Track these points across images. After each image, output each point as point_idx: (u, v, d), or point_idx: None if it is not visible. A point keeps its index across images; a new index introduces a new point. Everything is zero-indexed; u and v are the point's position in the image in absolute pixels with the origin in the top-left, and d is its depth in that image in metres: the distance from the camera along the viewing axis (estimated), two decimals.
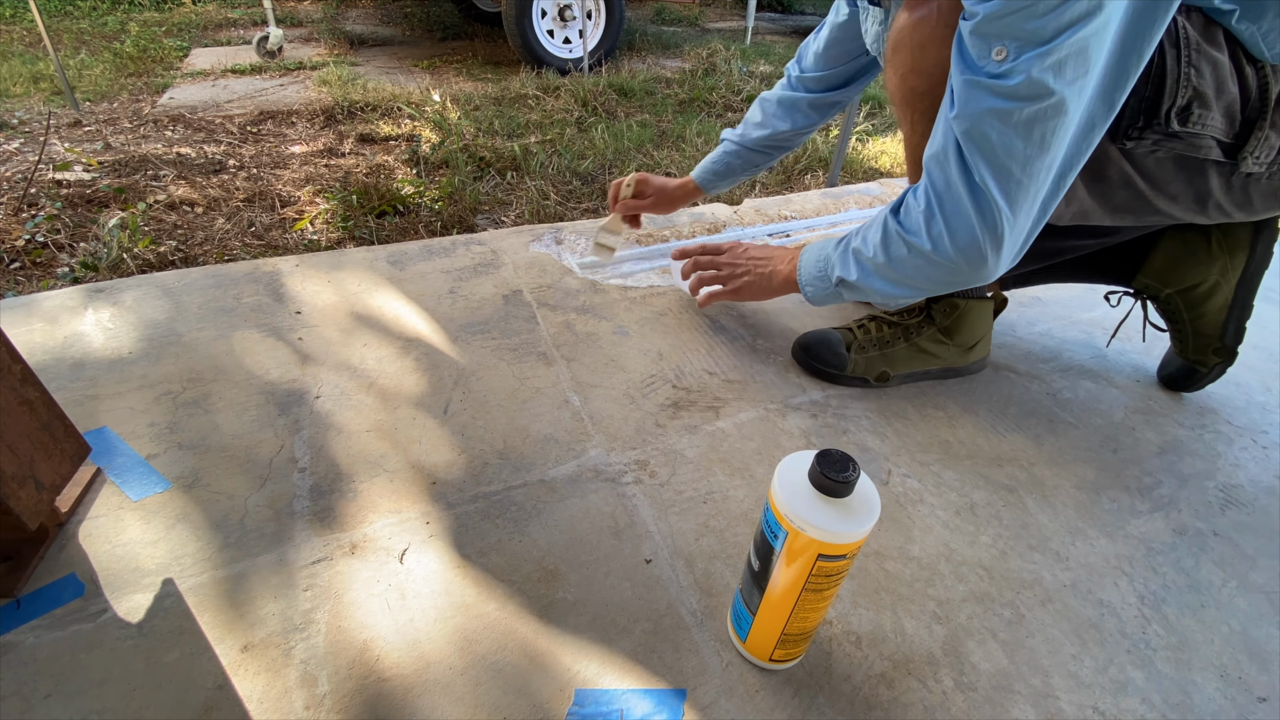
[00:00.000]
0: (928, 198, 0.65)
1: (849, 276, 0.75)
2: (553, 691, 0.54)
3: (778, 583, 0.50)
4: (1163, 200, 0.70)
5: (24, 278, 1.29)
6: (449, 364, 0.90)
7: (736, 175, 1.13)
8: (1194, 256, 0.85)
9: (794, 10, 5.98)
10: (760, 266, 0.91)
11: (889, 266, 0.70)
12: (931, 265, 0.67)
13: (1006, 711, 0.55)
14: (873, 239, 0.72)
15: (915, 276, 0.69)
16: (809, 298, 0.83)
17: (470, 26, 3.94)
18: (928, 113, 0.70)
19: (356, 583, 0.61)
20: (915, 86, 0.70)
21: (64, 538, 0.64)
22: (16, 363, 0.58)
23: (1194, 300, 0.86)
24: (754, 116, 1.09)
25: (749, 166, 1.12)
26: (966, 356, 0.92)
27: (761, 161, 1.12)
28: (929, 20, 0.66)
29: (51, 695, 0.51)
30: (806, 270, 0.83)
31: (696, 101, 2.68)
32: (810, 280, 0.82)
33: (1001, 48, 0.55)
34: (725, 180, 1.13)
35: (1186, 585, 0.67)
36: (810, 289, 0.82)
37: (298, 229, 1.52)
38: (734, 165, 1.11)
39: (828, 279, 0.79)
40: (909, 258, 0.68)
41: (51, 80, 2.55)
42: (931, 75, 0.68)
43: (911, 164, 0.80)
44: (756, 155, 1.10)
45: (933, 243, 0.65)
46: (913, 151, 0.78)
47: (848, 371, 0.91)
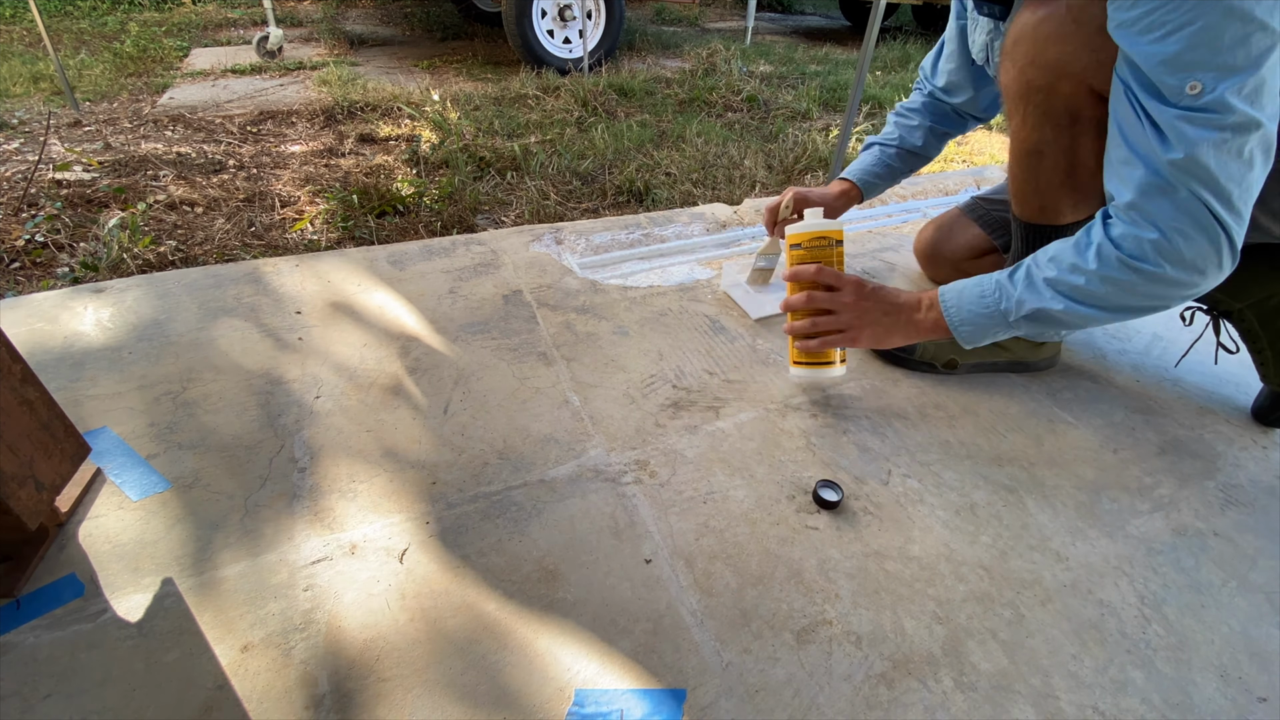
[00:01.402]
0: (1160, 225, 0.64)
1: (1047, 306, 0.72)
2: (553, 691, 0.54)
3: None
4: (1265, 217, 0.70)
5: (24, 278, 1.29)
6: (449, 364, 0.90)
7: (896, 176, 1.12)
8: (1260, 268, 0.81)
9: (794, 10, 5.98)
10: (892, 314, 0.82)
11: (1106, 294, 0.69)
12: (1170, 287, 0.66)
13: (1006, 711, 0.55)
14: (1082, 268, 0.69)
15: (1142, 300, 0.69)
16: (964, 338, 0.78)
17: (470, 26, 3.94)
18: (1042, 107, 0.72)
19: (356, 583, 0.61)
20: (1033, 80, 0.71)
21: (64, 538, 0.64)
22: (16, 363, 0.58)
23: (1269, 314, 0.82)
24: (906, 121, 1.10)
25: (906, 169, 1.12)
26: (1037, 352, 0.93)
27: (917, 164, 1.12)
28: (1055, 16, 0.67)
29: (51, 695, 0.51)
30: (961, 310, 0.78)
31: (696, 101, 2.68)
32: (969, 320, 0.77)
33: (1195, 82, 0.58)
34: (886, 182, 1.12)
35: (1186, 585, 0.67)
36: (968, 329, 0.77)
37: (297, 229, 1.52)
38: (894, 168, 1.11)
39: (1000, 314, 0.75)
40: (1139, 283, 0.67)
41: (51, 80, 2.55)
42: (1051, 70, 0.69)
43: (1017, 159, 0.79)
44: (913, 159, 1.11)
45: (1172, 267, 0.65)
46: (1020, 145, 0.78)
47: (916, 356, 0.93)
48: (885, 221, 1.45)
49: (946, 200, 1.58)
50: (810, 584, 0.64)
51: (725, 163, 2.01)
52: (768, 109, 2.68)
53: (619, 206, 1.76)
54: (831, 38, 4.62)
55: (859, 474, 0.77)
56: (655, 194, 1.77)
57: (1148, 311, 0.71)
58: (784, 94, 2.84)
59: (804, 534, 0.69)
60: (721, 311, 1.06)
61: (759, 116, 2.60)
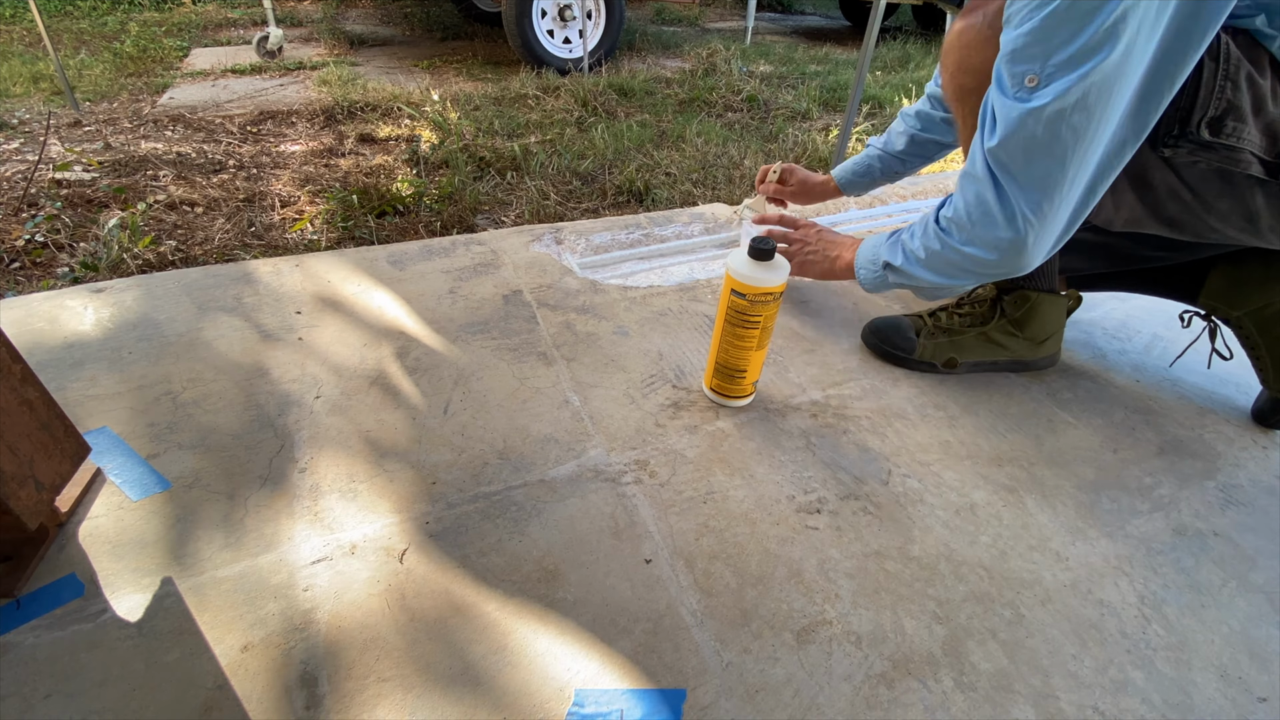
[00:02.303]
0: (958, 205, 0.73)
1: (895, 262, 0.83)
2: (553, 691, 0.54)
3: (716, 320, 0.80)
4: (1214, 218, 0.72)
5: (24, 278, 1.29)
6: (449, 364, 0.90)
7: (876, 179, 1.20)
8: (1252, 277, 0.83)
9: (794, 10, 5.98)
10: (828, 249, 0.98)
11: (929, 260, 0.79)
12: (968, 261, 0.74)
13: (1006, 711, 0.55)
14: (918, 234, 0.80)
15: (951, 269, 0.77)
16: (861, 280, 0.90)
17: (470, 26, 3.94)
18: (973, 108, 0.75)
19: (356, 583, 0.61)
20: (964, 84, 0.76)
21: (64, 538, 0.64)
22: (16, 363, 0.58)
23: (1266, 322, 0.84)
24: (898, 126, 1.15)
25: (889, 172, 1.18)
26: (1036, 350, 0.94)
27: (901, 169, 1.18)
28: (974, 26, 0.72)
29: (51, 695, 0.51)
30: (863, 257, 0.90)
31: (696, 101, 2.68)
32: (863, 265, 0.89)
33: (1033, 75, 0.61)
34: (865, 182, 1.20)
35: (1186, 585, 0.67)
36: (863, 272, 0.89)
37: (297, 229, 1.52)
38: (874, 169, 1.18)
39: (877, 264, 0.86)
40: (943, 253, 0.76)
41: (51, 80, 2.55)
42: (979, 73, 0.73)
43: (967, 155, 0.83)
44: (896, 162, 1.16)
45: (967, 244, 0.73)
46: (966, 145, 0.82)
47: (915, 355, 0.95)
48: (885, 221, 1.45)
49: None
50: (810, 584, 0.64)
51: (725, 163, 2.01)
52: (768, 109, 2.68)
53: (619, 206, 1.76)
54: (831, 38, 4.62)
55: (859, 474, 0.77)
56: (655, 194, 1.77)
57: (965, 280, 0.79)
58: (784, 94, 2.84)
59: (804, 534, 0.69)
60: None
61: (759, 116, 2.60)
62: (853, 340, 1.01)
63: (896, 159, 1.16)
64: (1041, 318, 0.91)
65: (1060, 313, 0.93)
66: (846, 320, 1.07)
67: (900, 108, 2.66)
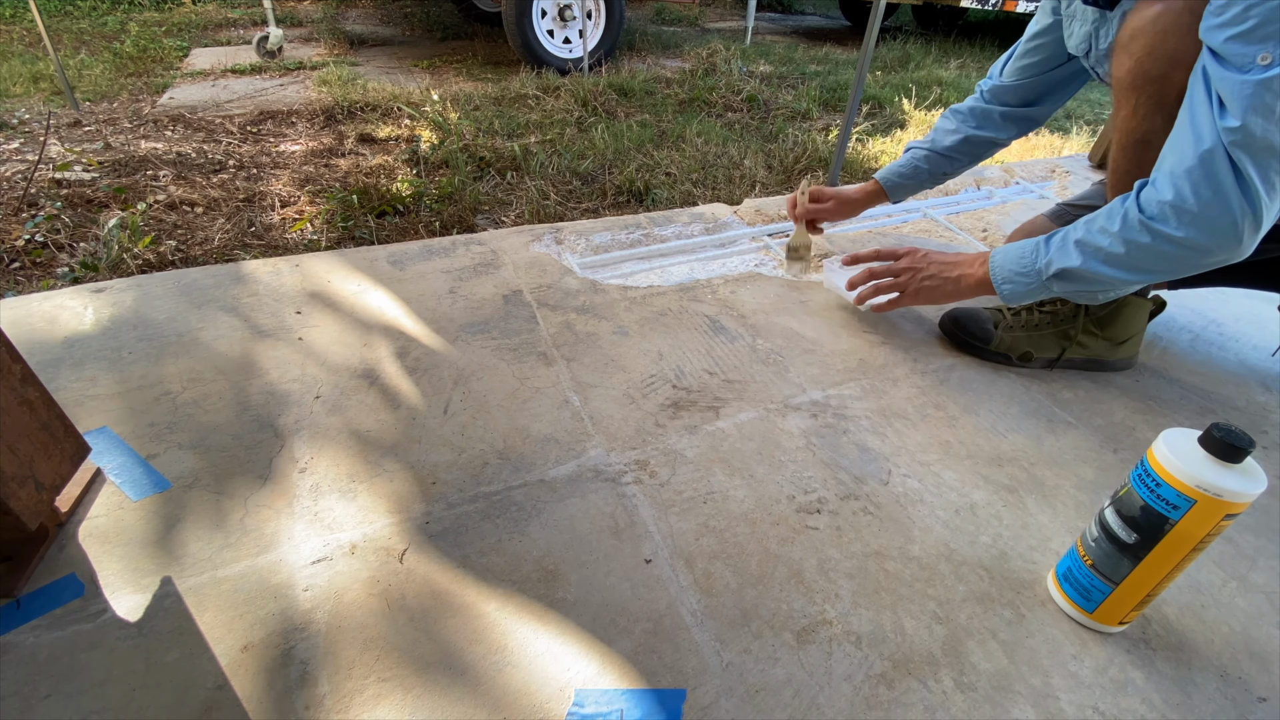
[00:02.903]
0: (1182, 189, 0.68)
1: (1071, 265, 0.78)
2: (553, 691, 0.54)
3: (1166, 550, 0.55)
4: None
5: (24, 278, 1.29)
6: (449, 364, 0.90)
7: (923, 182, 1.16)
8: None
9: (794, 10, 5.98)
10: (946, 270, 0.93)
11: (1126, 255, 0.74)
12: (1181, 250, 0.70)
13: (1006, 711, 0.55)
14: (1108, 229, 0.75)
15: (1156, 262, 0.73)
16: (1007, 296, 0.85)
17: (470, 26, 3.94)
18: (1155, 96, 0.74)
19: (356, 583, 0.61)
20: (1149, 70, 0.74)
21: (64, 538, 0.64)
22: (16, 363, 0.58)
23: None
24: (946, 124, 1.13)
25: (936, 174, 1.15)
26: (1115, 351, 0.95)
27: (949, 169, 1.15)
28: (1173, 10, 0.71)
29: (51, 695, 0.51)
30: (1005, 269, 0.85)
31: (696, 101, 2.68)
32: (1010, 278, 0.84)
33: (1266, 54, 0.60)
34: (911, 184, 1.16)
35: (1186, 585, 0.67)
36: (1009, 286, 0.84)
37: (297, 229, 1.52)
38: (921, 170, 1.14)
39: (1035, 273, 0.81)
40: (1152, 245, 0.71)
41: (51, 80, 2.55)
42: (1169, 60, 0.71)
43: (1124, 149, 0.82)
44: (944, 161, 1.13)
45: (1186, 230, 0.69)
46: (1127, 136, 0.80)
47: (992, 346, 0.96)
48: (885, 222, 1.45)
49: (947, 200, 1.59)
50: (810, 584, 0.64)
51: (725, 163, 2.01)
52: (768, 109, 2.68)
53: (619, 206, 1.76)
54: (831, 38, 4.62)
55: (859, 474, 0.77)
56: (655, 194, 1.77)
57: (1166, 275, 0.74)
58: (784, 94, 2.84)
59: (804, 534, 0.69)
60: (721, 311, 1.06)
61: (759, 116, 2.60)
62: (853, 340, 1.01)
63: (944, 159, 1.13)
64: (1125, 319, 0.92)
65: (1143, 315, 0.94)
66: (846, 320, 1.07)
67: (900, 107, 2.67)
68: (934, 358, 0.99)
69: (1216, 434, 0.51)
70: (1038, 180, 1.75)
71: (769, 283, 1.16)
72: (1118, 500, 0.58)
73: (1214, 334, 1.11)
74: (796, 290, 1.14)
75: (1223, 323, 1.14)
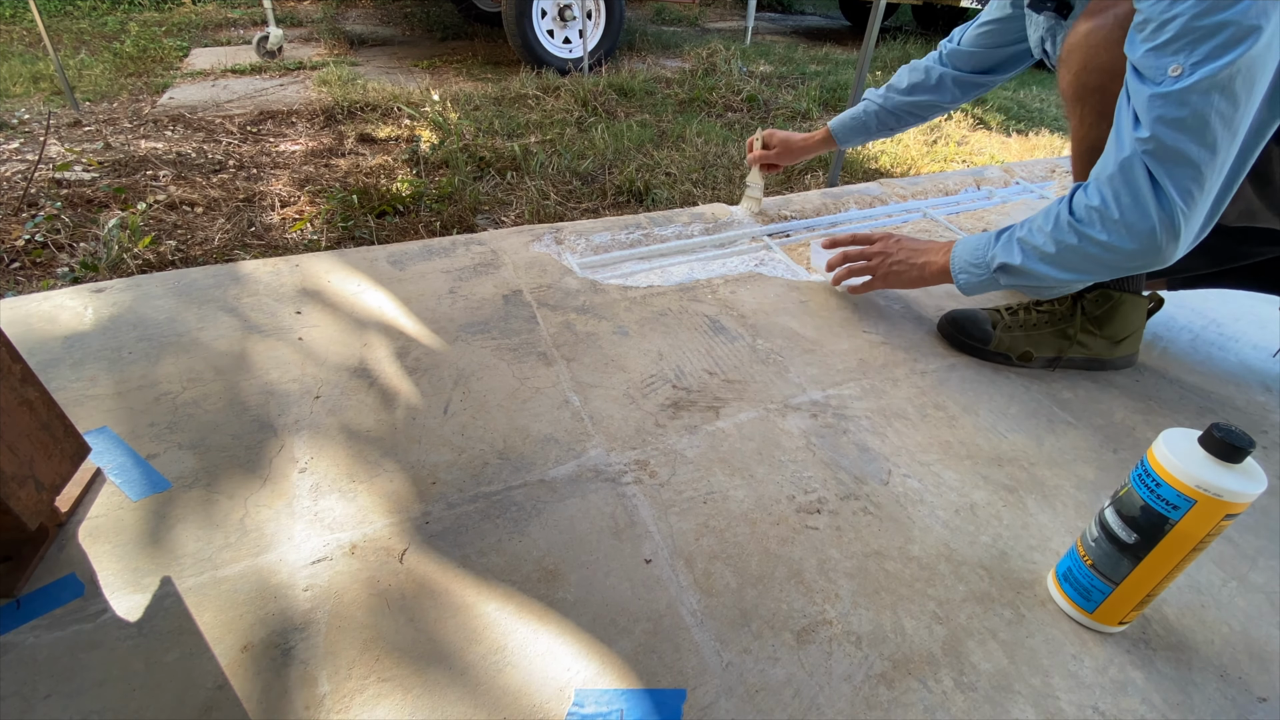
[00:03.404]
0: (1105, 195, 0.72)
1: (1012, 262, 0.82)
2: (553, 691, 0.54)
3: (1166, 550, 0.55)
4: None
5: (24, 278, 1.29)
6: (449, 364, 0.90)
7: (871, 133, 1.24)
8: None
9: (794, 10, 5.98)
10: (914, 256, 0.97)
11: (1058, 255, 0.77)
12: (1106, 253, 0.74)
13: (1006, 711, 0.55)
14: (1042, 229, 0.79)
15: (1085, 264, 0.77)
16: (961, 285, 0.89)
17: (470, 26, 3.94)
18: (1098, 107, 0.78)
19: (356, 583, 0.61)
20: (1087, 83, 0.78)
21: (64, 538, 0.63)
22: (16, 363, 0.58)
23: None
24: (899, 81, 1.17)
25: (883, 127, 1.22)
26: (1113, 350, 0.95)
27: (896, 125, 1.21)
28: (1104, 26, 0.74)
29: (51, 695, 0.51)
30: (961, 259, 0.89)
31: (696, 101, 2.68)
32: (964, 268, 0.88)
33: (1176, 65, 0.63)
34: (859, 135, 1.24)
35: (1186, 585, 0.67)
36: (964, 276, 0.88)
37: (297, 229, 1.52)
38: (869, 124, 1.21)
39: (985, 266, 0.85)
40: (1079, 247, 0.75)
41: (51, 80, 2.55)
42: (1103, 72, 0.75)
43: (1077, 157, 0.86)
44: (892, 118, 1.19)
45: (1109, 235, 0.72)
46: (1079, 145, 0.84)
47: (991, 347, 0.97)
48: (885, 221, 1.45)
49: (947, 200, 1.59)
50: (810, 584, 0.64)
51: (725, 163, 2.01)
52: (768, 109, 2.68)
53: (619, 206, 1.76)
54: (831, 38, 4.62)
55: (859, 474, 0.77)
56: (655, 194, 1.77)
57: (1092, 275, 0.78)
58: (784, 94, 2.84)
59: (804, 534, 0.69)
60: (721, 311, 1.06)
61: (759, 116, 2.60)
62: (853, 340, 1.01)
63: (892, 115, 1.20)
64: (1122, 318, 0.93)
65: (1141, 314, 0.94)
66: (846, 320, 1.07)
67: None
68: (934, 358, 0.99)
69: (1217, 434, 0.51)
70: (1038, 180, 1.75)
71: (769, 283, 1.16)
72: (1118, 500, 0.58)
73: (1214, 334, 1.11)
74: (796, 290, 1.14)
75: (1223, 323, 1.14)
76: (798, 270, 1.21)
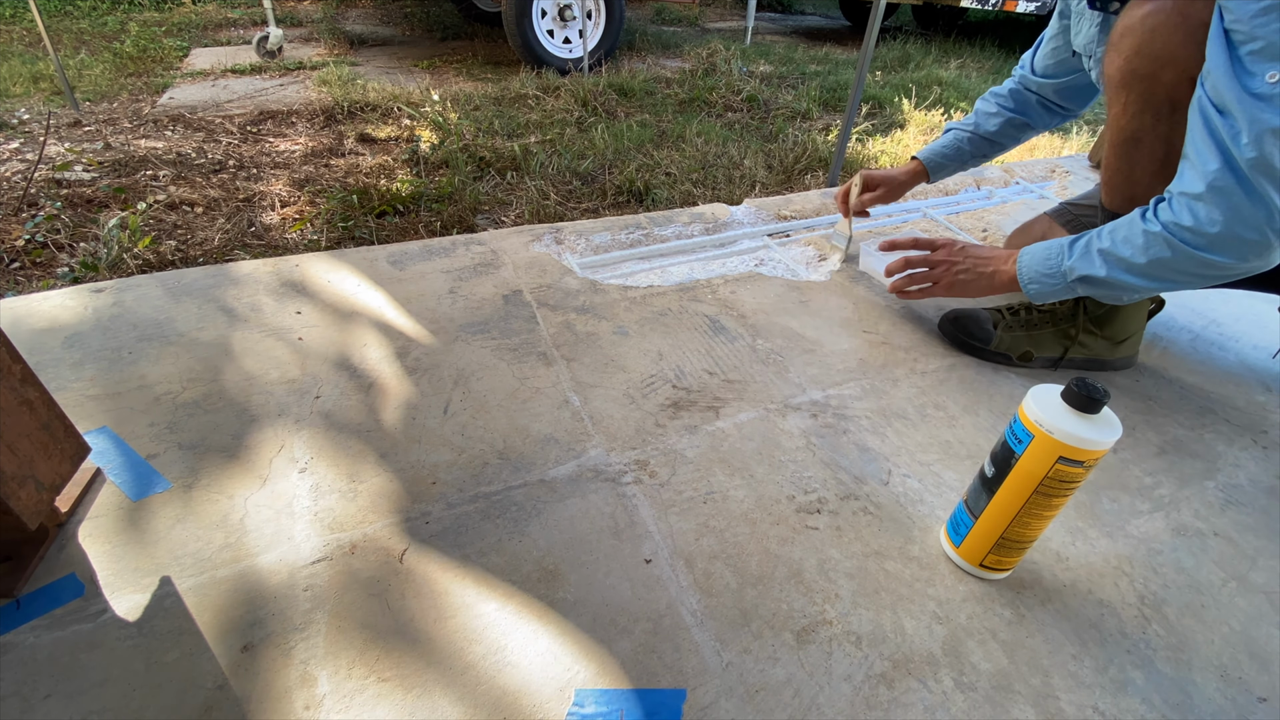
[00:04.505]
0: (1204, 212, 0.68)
1: (1095, 274, 0.79)
2: (553, 691, 0.54)
3: (1012, 486, 0.59)
4: None
5: (24, 278, 1.29)
6: (449, 364, 0.90)
7: (965, 162, 1.19)
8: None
9: (794, 10, 5.98)
10: (981, 266, 0.93)
11: (1150, 267, 0.74)
12: (1203, 267, 0.71)
13: (1006, 711, 0.55)
14: (1129, 241, 0.75)
15: (1177, 276, 0.74)
16: (1033, 295, 0.86)
17: (470, 26, 3.94)
18: (1144, 94, 0.75)
19: (356, 583, 0.61)
20: (1137, 69, 0.75)
21: (64, 538, 0.64)
22: (16, 363, 0.58)
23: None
24: (986, 107, 1.15)
25: (978, 154, 1.18)
26: (1114, 350, 0.95)
27: (989, 151, 1.18)
28: (1163, 10, 0.72)
29: (51, 695, 0.51)
30: (1030, 269, 0.86)
31: (696, 101, 2.68)
32: (1036, 278, 0.85)
33: (1274, 72, 0.61)
34: (953, 164, 1.20)
35: (1186, 585, 0.67)
36: (1036, 286, 0.85)
37: (297, 229, 1.52)
38: (964, 151, 1.18)
39: (1061, 276, 0.82)
40: (1173, 260, 0.72)
41: (51, 80, 2.55)
42: (1156, 59, 0.73)
43: (1114, 147, 0.83)
44: (985, 144, 1.17)
45: (1206, 248, 0.69)
46: (1118, 134, 0.81)
47: (991, 346, 0.96)
48: (885, 221, 1.45)
49: (947, 200, 1.59)
50: (810, 584, 0.64)
51: (725, 163, 2.01)
52: (768, 109, 2.68)
53: (619, 206, 1.76)
54: (831, 38, 4.62)
55: (859, 474, 0.77)
56: (655, 194, 1.77)
57: (1188, 286, 0.76)
58: (784, 94, 2.84)
59: (804, 534, 0.69)
60: (721, 311, 1.06)
61: (759, 116, 2.60)
62: (853, 340, 1.01)
63: (987, 141, 1.16)
64: (1123, 318, 0.93)
65: (1141, 315, 0.94)
66: (846, 320, 1.07)
67: (900, 107, 2.66)
68: (934, 358, 0.99)
69: (1074, 385, 0.55)
70: (1038, 180, 1.75)
71: (769, 283, 1.16)
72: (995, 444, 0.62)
73: (1214, 334, 1.11)
74: (796, 290, 1.14)
75: (1223, 323, 1.14)
76: (798, 270, 1.21)
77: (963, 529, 0.65)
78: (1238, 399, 0.95)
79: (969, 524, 0.64)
